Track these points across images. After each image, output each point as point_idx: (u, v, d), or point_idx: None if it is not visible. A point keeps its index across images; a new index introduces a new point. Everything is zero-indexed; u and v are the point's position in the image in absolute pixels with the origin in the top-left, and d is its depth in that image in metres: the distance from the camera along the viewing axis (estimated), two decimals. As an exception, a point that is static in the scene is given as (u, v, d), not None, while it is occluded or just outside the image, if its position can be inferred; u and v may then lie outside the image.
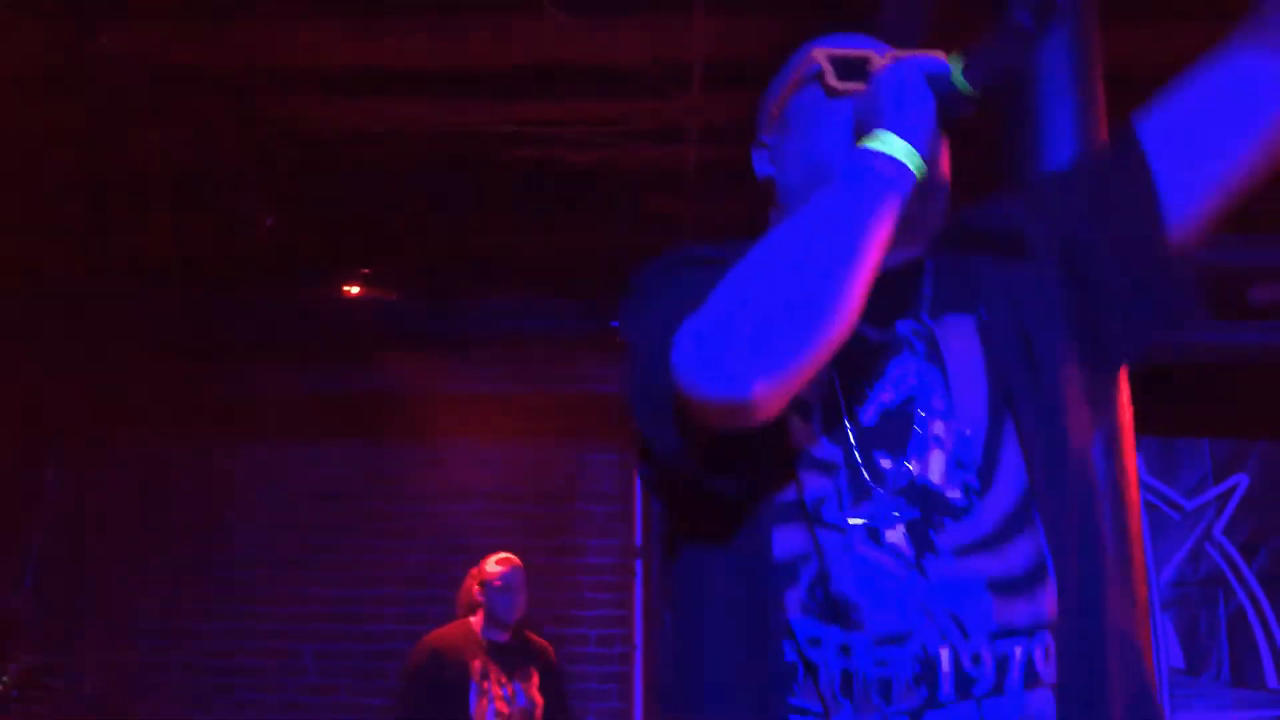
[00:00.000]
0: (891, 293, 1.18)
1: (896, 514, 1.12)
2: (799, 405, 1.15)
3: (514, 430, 5.04)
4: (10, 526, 5.17)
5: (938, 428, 1.15)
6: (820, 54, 1.27)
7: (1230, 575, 5.29)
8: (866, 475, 1.13)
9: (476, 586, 3.94)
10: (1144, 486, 5.35)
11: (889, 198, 1.08)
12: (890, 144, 1.09)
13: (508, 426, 5.06)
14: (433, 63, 3.74)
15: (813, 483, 1.14)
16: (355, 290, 4.76)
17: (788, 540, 1.13)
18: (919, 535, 1.10)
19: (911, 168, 1.09)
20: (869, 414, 1.16)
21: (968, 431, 1.14)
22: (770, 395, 1.05)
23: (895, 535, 1.11)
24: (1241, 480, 5.37)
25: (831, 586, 1.10)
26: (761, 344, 1.03)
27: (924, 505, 1.11)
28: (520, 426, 5.02)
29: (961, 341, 1.18)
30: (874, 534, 1.11)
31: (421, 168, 4.28)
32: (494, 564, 3.98)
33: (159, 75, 3.72)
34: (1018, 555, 1.10)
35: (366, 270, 4.78)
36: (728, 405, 1.05)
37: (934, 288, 1.22)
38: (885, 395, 1.17)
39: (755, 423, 1.08)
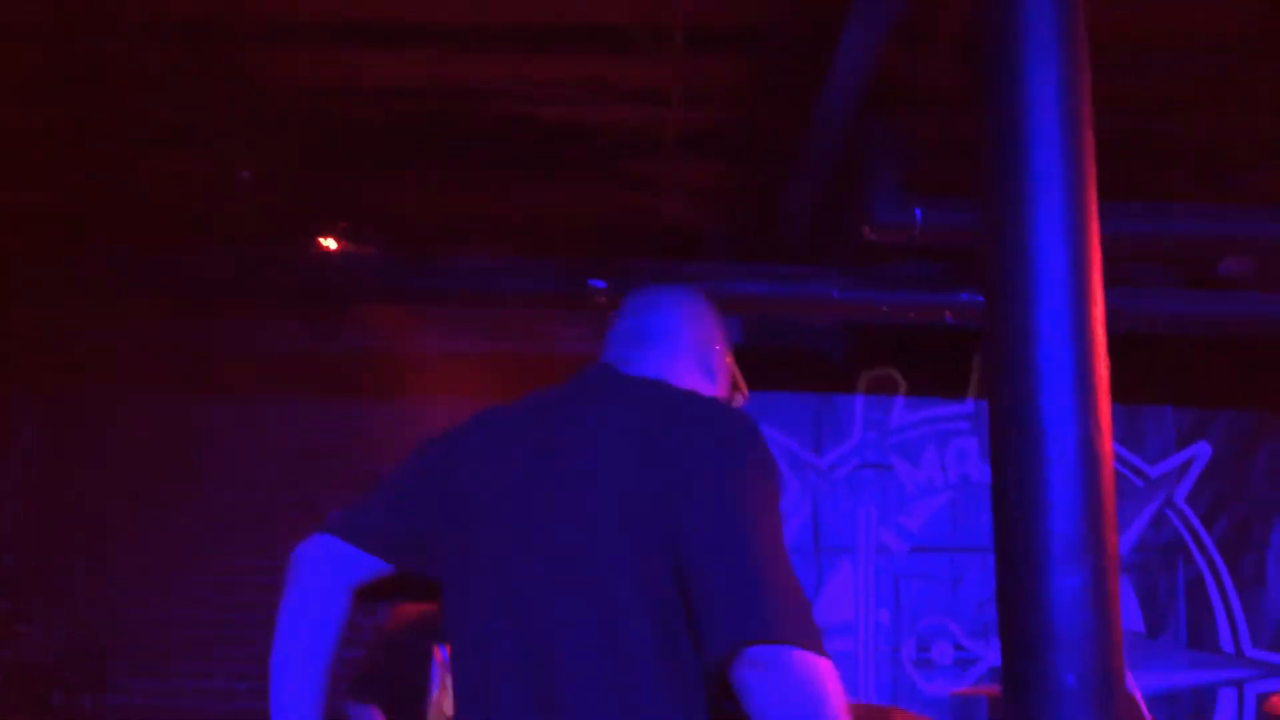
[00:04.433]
0: None
1: None
2: None
3: (492, 389, 5.03)
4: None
5: None
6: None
7: (1190, 542, 5.41)
8: None
9: None
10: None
11: None
12: None
13: (485, 385, 5.05)
14: (416, 17, 3.72)
15: None
16: (332, 245, 4.74)
17: None
18: None
19: None
20: None
21: None
22: None
23: None
24: (1204, 449, 5.48)
25: None
26: None
27: None
28: (498, 385, 5.01)
29: None
30: None
31: (404, 124, 4.26)
32: None
33: (141, 23, 3.68)
34: None
35: (344, 224, 4.76)
36: None
37: None
38: None
39: None
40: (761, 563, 1.37)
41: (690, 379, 1.73)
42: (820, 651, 1.33)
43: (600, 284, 4.43)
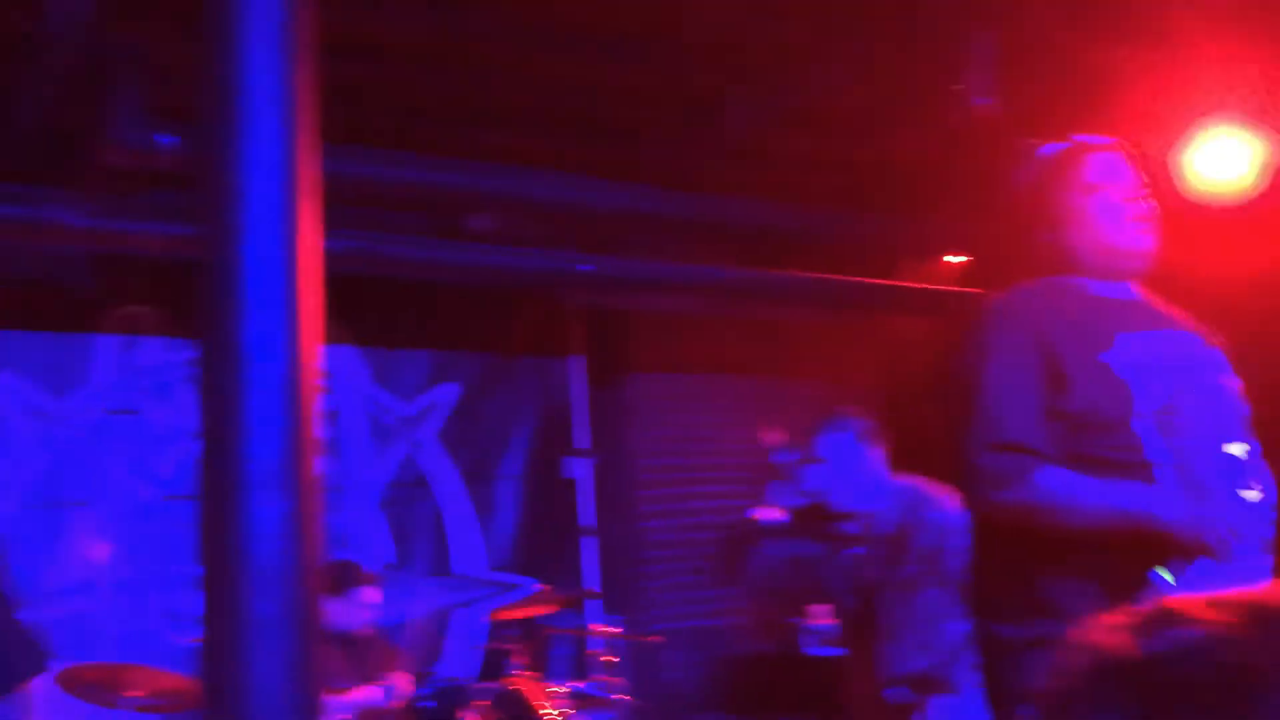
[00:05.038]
0: None
1: None
2: None
3: None
4: None
5: None
6: None
7: (438, 475, 5.84)
8: None
9: None
10: (368, 395, 5.68)
11: None
12: None
13: None
14: None
15: None
16: None
17: None
18: None
19: None
20: None
21: None
22: None
23: None
24: (452, 389, 5.93)
25: None
26: None
27: None
28: None
29: None
30: None
31: None
32: None
33: None
34: None
35: None
36: None
37: None
38: None
39: None
40: None
41: None
42: None
43: None
